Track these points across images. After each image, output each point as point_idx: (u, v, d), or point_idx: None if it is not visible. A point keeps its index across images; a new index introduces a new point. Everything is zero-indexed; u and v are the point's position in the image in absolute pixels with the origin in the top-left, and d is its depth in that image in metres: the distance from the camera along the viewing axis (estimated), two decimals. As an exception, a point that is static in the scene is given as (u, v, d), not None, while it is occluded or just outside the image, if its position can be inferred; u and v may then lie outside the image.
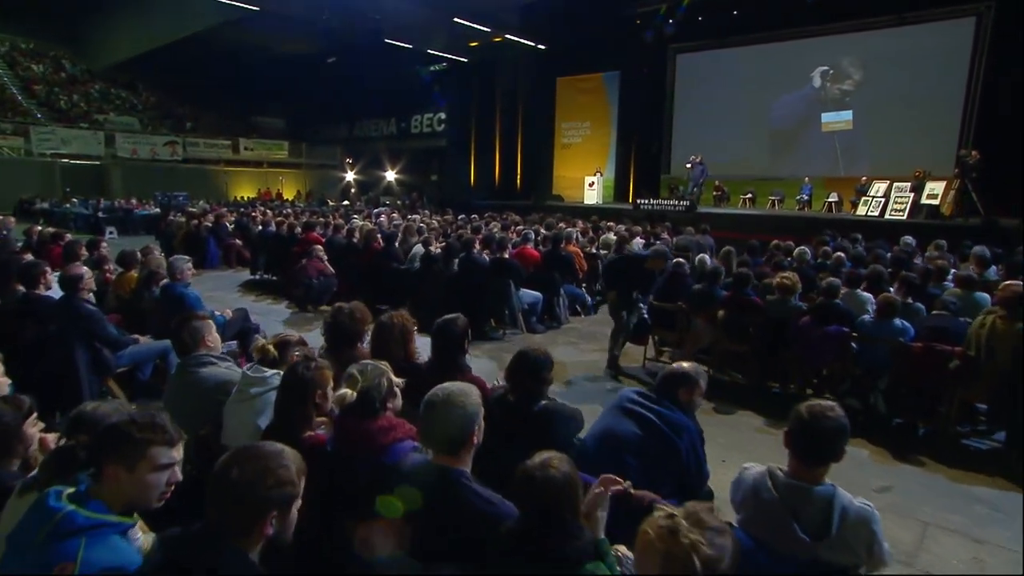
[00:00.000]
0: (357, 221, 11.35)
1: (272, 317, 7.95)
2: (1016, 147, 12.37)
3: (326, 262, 8.21)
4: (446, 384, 1.93)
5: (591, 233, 10.19)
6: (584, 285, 8.48)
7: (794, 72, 17.16)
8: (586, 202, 17.93)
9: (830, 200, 15.70)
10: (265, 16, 18.61)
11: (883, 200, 12.43)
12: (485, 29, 19.36)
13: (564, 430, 2.59)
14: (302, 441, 2.29)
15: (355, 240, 8.84)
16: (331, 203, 20.76)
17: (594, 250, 9.04)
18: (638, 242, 9.92)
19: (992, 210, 11.34)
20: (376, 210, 14.14)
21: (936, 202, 11.71)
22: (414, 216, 12.41)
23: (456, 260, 7.52)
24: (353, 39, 19.86)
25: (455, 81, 24.39)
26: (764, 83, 17.65)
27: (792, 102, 17.29)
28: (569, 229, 9.49)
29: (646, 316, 6.13)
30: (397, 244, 8.50)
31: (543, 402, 2.61)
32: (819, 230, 11.76)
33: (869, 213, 12.61)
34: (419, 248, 8.14)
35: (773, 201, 16.84)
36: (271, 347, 2.73)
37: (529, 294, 7.37)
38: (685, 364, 2.83)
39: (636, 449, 2.51)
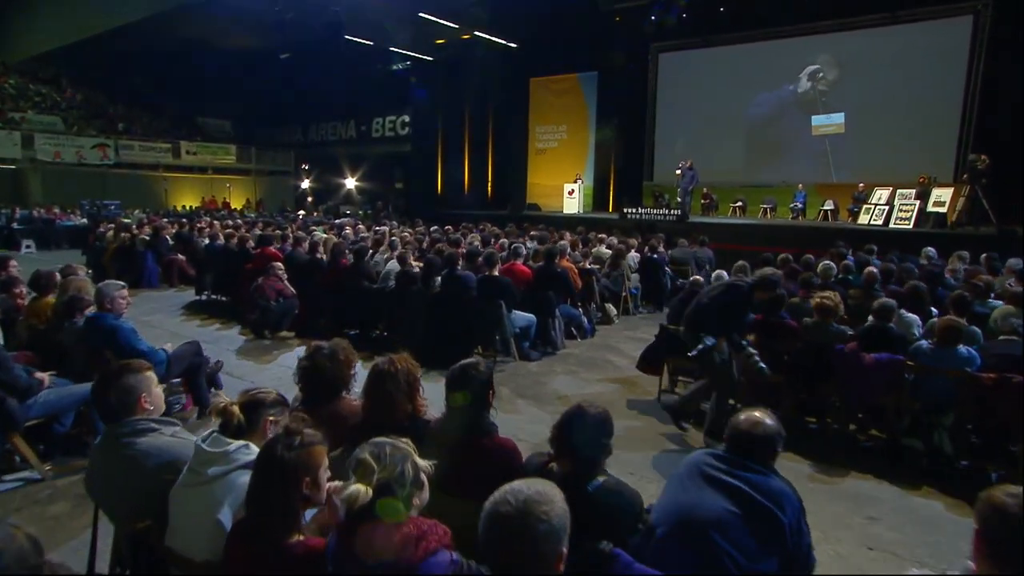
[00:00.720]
0: (319, 234, 10.71)
1: (222, 345, 7.32)
2: (1018, 151, 12.50)
3: (286, 281, 7.61)
4: (515, 485, 1.41)
5: (581, 246, 9.79)
6: (579, 305, 8.04)
7: (784, 72, 17.23)
8: (566, 211, 17.64)
9: (825, 208, 15.73)
10: (210, 6, 17.88)
11: (886, 208, 12.38)
12: (452, 25, 19.09)
13: (626, 518, 2.11)
14: (287, 548, 1.75)
15: (319, 256, 8.24)
16: (291, 212, 19.98)
17: (588, 265, 8.64)
18: (633, 256, 9.63)
19: (998, 217, 11.38)
20: (339, 221, 13.50)
21: (944, 210, 11.73)
22: (382, 228, 11.83)
23: (438, 278, 7.04)
24: (309, 34, 19.30)
25: (421, 81, 24.05)
26: (752, 84, 17.72)
27: (782, 104, 17.35)
28: (562, 242, 9.06)
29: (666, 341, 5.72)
30: (368, 260, 7.94)
31: (600, 479, 2.11)
32: (823, 241, 11.72)
33: (872, 222, 12.57)
34: (394, 265, 7.62)
35: (765, 210, 16.80)
36: (235, 409, 2.17)
37: (521, 316, 6.91)
38: (759, 414, 2.36)
39: (728, 529, 2.03)
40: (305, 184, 29.78)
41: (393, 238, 8.61)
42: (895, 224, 12.11)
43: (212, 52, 23.76)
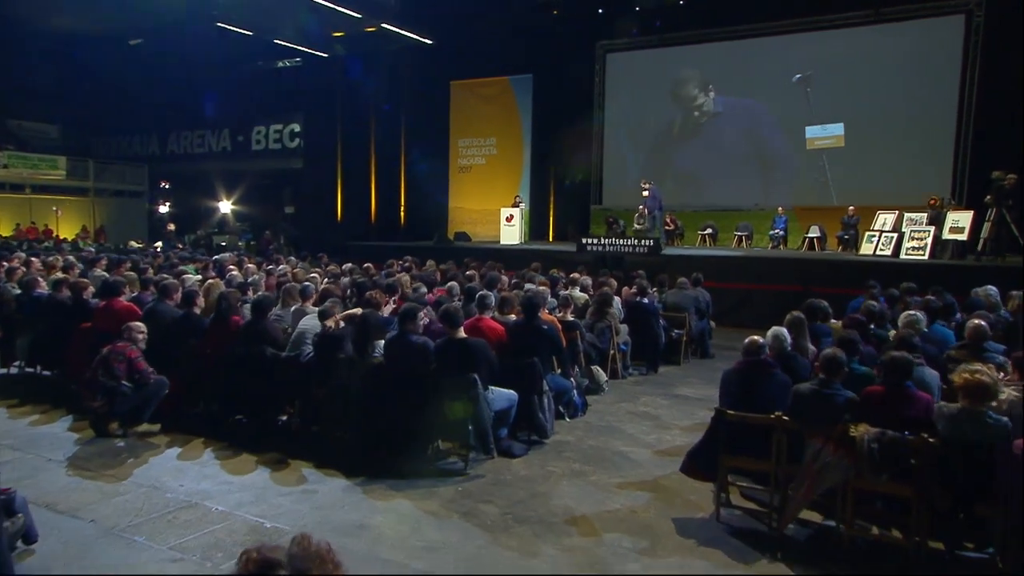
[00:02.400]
0: (190, 276, 9.06)
1: (42, 449, 5.69)
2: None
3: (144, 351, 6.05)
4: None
5: (551, 289, 8.77)
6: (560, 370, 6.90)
7: (756, 77, 17.31)
8: (504, 241, 16.85)
9: (811, 236, 15.66)
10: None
11: (894, 236, 12.19)
12: (354, 15, 18.11)
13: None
14: None
15: (196, 310, 6.70)
16: (145, 245, 17.74)
17: (569, 316, 7.56)
18: (617, 303, 8.71)
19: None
20: (219, 257, 11.83)
21: (963, 236, 11.66)
22: (280, 267, 10.28)
23: (379, 343, 5.84)
24: (169, 16, 17.91)
25: (314, 82, 22.95)
26: (719, 91, 17.74)
27: (755, 114, 17.34)
28: (540, 288, 7.94)
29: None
30: (273, 315, 6.52)
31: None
32: (829, 276, 11.49)
33: (879, 252, 12.35)
34: (310, 323, 6.25)
35: (740, 238, 16.68)
36: None
37: (500, 395, 5.72)
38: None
39: None
40: (164, 208, 27.66)
41: (306, 283, 7.15)
42: (907, 255, 11.91)
43: (33, 35, 21.54)
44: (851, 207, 15.00)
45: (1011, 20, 13.72)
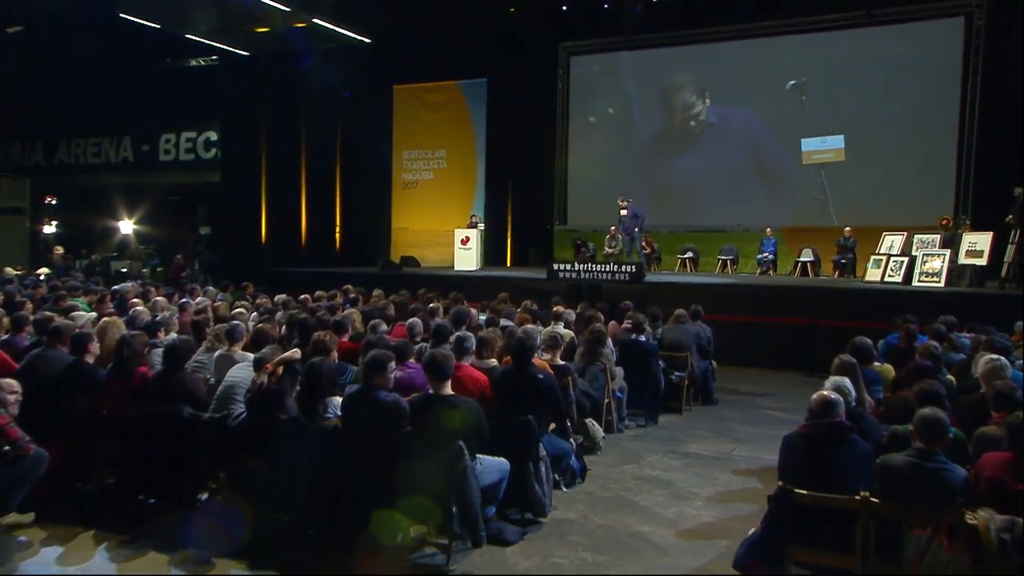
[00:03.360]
0: (82, 311, 8.04)
1: None
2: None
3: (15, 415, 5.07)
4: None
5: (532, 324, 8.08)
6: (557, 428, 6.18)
7: (738, 81, 17.34)
8: (459, 267, 16.24)
9: (803, 260, 15.55)
10: None
11: (904, 260, 11.98)
12: (281, 7, 17.41)
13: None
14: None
15: (88, 358, 5.77)
16: (26, 273, 16.38)
17: (559, 359, 6.86)
18: (609, 343, 8.11)
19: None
20: (120, 288, 10.81)
21: (982, 261, 11.54)
22: (198, 300, 9.29)
23: (331, 400, 5.13)
24: (59, 2, 17.17)
25: (233, 85, 22.19)
26: (698, 98, 17.72)
27: (739, 124, 17.30)
28: (529, 327, 7.23)
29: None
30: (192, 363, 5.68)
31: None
32: (837, 307, 11.20)
33: (888, 279, 12.11)
34: (241, 374, 5.43)
35: (724, 262, 16.50)
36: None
37: (489, 466, 4.97)
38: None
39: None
40: (50, 228, 26.15)
41: (235, 323, 6.26)
42: (921, 282, 11.71)
43: None
44: (847, 228, 14.90)
45: (1014, 23, 13.86)
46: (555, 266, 13.45)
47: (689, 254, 16.95)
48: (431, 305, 8.97)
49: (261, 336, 6.02)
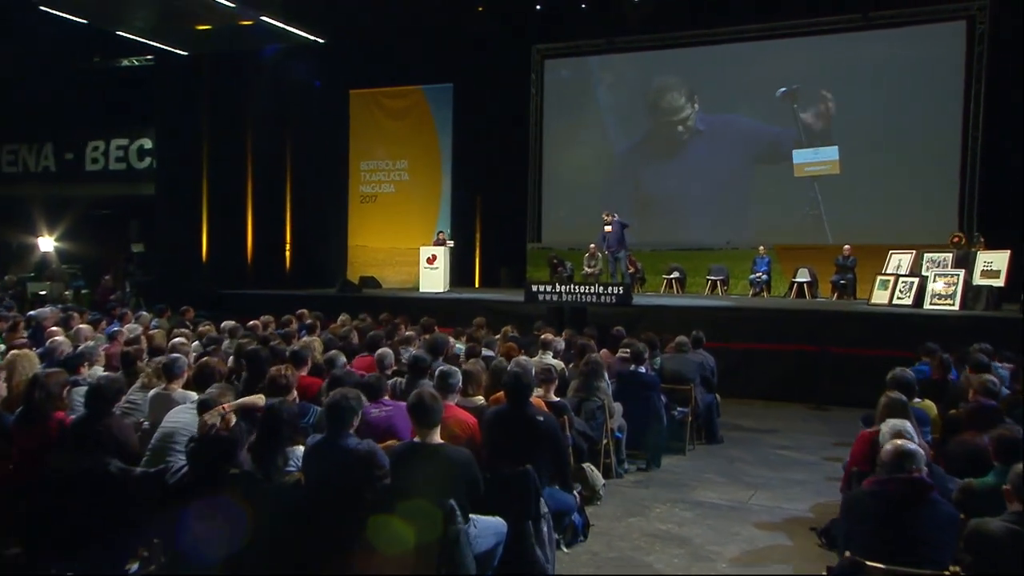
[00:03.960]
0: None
1: None
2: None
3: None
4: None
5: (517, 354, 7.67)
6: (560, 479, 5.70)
7: (726, 87, 17.39)
8: (425, 289, 15.80)
9: (799, 280, 15.44)
10: None
11: (914, 281, 11.80)
12: (225, 3, 17.04)
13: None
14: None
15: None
16: None
17: (553, 396, 6.39)
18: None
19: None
20: (35, 313, 10.21)
21: (999, 281, 11.48)
22: (129, 326, 8.69)
23: (293, 450, 4.57)
24: None
25: (171, 88, 21.72)
26: (684, 104, 17.75)
27: (726, 132, 17.32)
28: (522, 359, 6.75)
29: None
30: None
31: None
32: (855, 333, 10.94)
33: (897, 301, 11.94)
34: (182, 418, 4.90)
35: (714, 283, 16.34)
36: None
37: (484, 528, 4.49)
38: None
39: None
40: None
41: (174, 355, 5.64)
42: (933, 304, 11.52)
43: None
44: (846, 246, 14.86)
45: (1019, 27, 13.94)
46: (534, 287, 13.07)
47: (675, 274, 16.76)
48: (406, 333, 8.44)
49: (206, 371, 5.42)
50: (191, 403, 4.99)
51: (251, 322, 9.45)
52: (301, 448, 4.64)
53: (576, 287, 13.01)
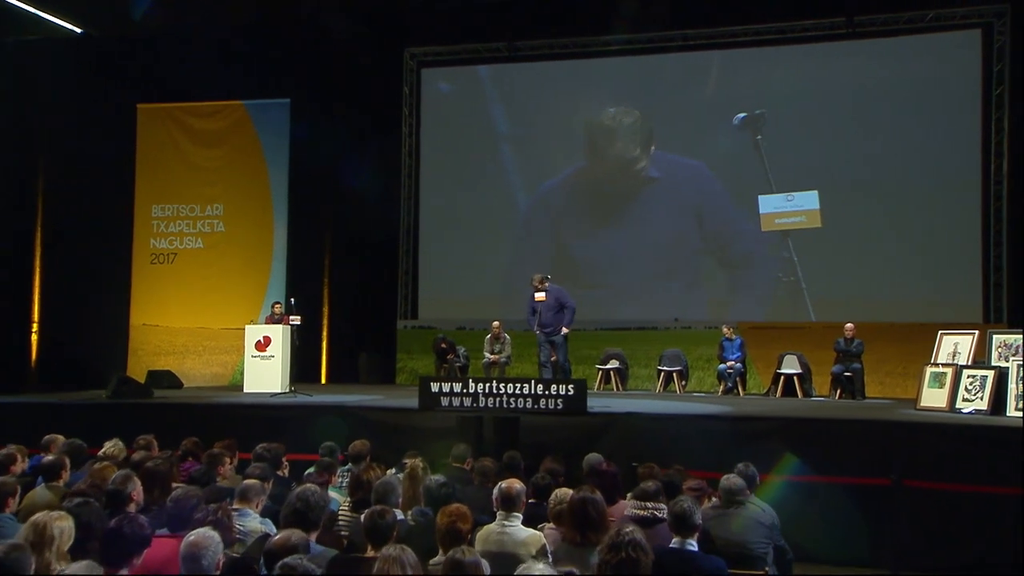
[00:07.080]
0: None
1: None
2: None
3: None
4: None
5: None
6: None
7: (673, 113, 16.95)
8: (253, 389, 13.79)
9: (785, 372, 14.24)
10: None
11: (987, 377, 10.58)
12: None
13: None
14: None
15: None
16: None
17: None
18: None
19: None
20: None
21: None
22: None
23: None
24: None
25: None
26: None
27: (670, 171, 16.82)
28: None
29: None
30: None
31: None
32: (941, 457, 9.51)
33: (963, 405, 10.56)
34: None
35: (668, 376, 14.98)
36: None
37: None
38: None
39: None
40: None
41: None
42: (1019, 410, 10.08)
43: None
44: (848, 325, 13.65)
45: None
46: (433, 388, 10.87)
47: (613, 363, 15.43)
48: (246, 482, 5.60)
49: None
50: None
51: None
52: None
53: (501, 388, 10.84)
